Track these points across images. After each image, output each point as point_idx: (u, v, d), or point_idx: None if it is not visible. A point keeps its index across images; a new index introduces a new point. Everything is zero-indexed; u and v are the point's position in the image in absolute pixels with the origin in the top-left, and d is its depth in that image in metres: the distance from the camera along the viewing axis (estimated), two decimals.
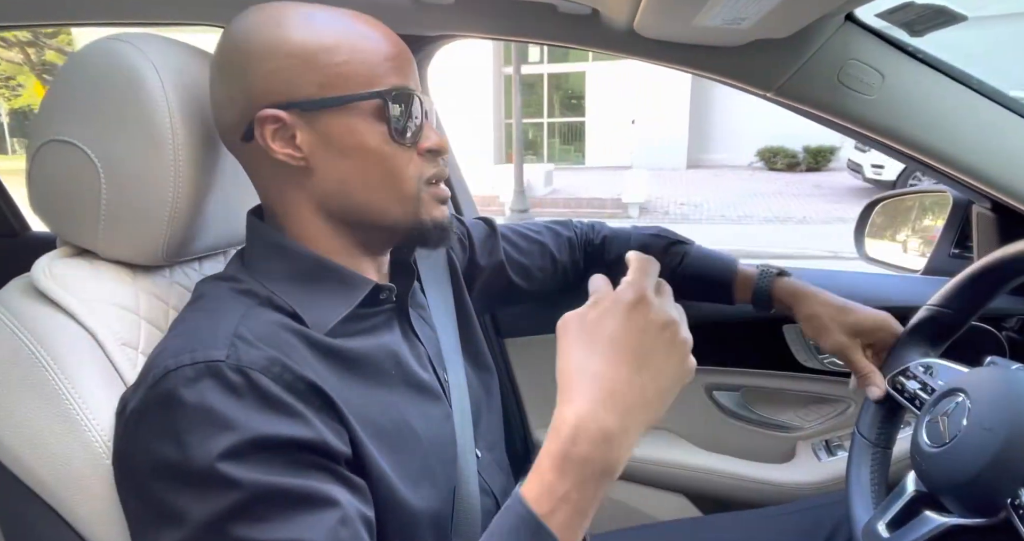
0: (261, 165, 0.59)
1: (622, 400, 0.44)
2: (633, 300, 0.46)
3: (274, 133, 0.56)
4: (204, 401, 0.47)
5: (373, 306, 0.62)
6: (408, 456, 0.58)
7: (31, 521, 0.55)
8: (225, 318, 0.53)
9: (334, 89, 0.56)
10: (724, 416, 1.13)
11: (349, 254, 0.61)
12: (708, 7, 0.66)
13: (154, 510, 0.48)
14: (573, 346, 0.47)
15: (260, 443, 0.47)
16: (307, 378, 0.51)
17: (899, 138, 0.81)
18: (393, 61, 0.58)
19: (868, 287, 1.10)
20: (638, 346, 0.45)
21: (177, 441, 0.46)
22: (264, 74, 0.56)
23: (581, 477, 0.44)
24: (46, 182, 0.61)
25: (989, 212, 0.95)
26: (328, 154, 0.57)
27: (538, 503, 0.44)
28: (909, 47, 0.79)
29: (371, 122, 0.57)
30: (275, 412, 0.48)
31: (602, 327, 0.46)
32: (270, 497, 0.46)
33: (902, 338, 0.79)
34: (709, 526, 0.95)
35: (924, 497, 0.62)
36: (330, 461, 0.50)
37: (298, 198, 0.59)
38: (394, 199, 0.59)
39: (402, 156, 0.58)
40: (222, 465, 0.45)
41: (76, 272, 0.60)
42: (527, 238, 0.94)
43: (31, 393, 0.54)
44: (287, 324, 0.55)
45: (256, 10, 0.58)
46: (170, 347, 0.51)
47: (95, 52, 0.60)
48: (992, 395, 0.60)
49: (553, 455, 0.44)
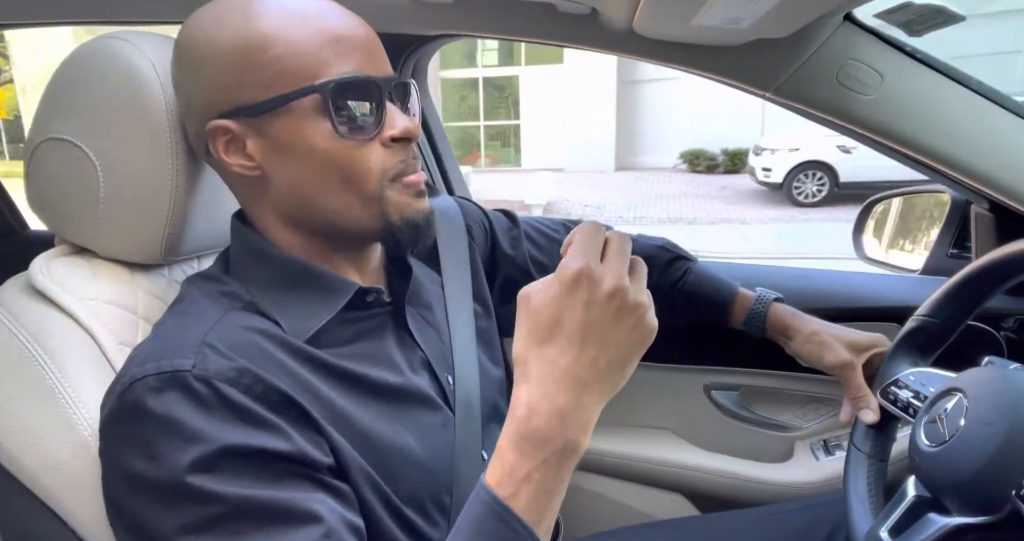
0: (227, 177, 0.58)
1: (574, 377, 0.43)
2: (573, 274, 0.43)
3: (227, 145, 0.53)
4: (170, 412, 0.46)
5: (361, 309, 0.60)
6: (401, 462, 0.56)
7: (28, 520, 0.55)
8: (197, 324, 0.51)
9: (275, 88, 0.51)
10: (723, 416, 1.13)
11: (328, 259, 0.59)
12: (707, 7, 0.66)
13: (128, 521, 0.47)
14: (523, 324, 0.46)
15: (230, 453, 0.45)
16: (279, 389, 0.49)
17: (898, 138, 0.81)
18: (337, 45, 0.52)
19: (866, 287, 1.10)
20: (583, 320, 0.43)
21: (146, 453, 0.45)
22: (207, 81, 0.52)
23: (541, 456, 0.43)
24: (44, 180, 0.61)
25: (987, 212, 0.95)
26: (280, 160, 0.53)
27: (500, 486, 0.43)
28: (908, 47, 0.79)
29: (315, 120, 0.52)
30: (244, 423, 0.47)
31: (548, 305, 0.44)
32: (245, 510, 0.45)
33: (891, 351, 0.79)
34: (707, 525, 0.95)
35: (926, 501, 0.61)
36: (310, 469, 0.49)
37: (264, 208, 0.57)
38: (355, 200, 0.54)
39: (357, 153, 0.53)
40: (192, 478, 0.44)
41: (74, 271, 0.60)
42: (548, 237, 0.92)
43: (28, 392, 0.54)
44: (267, 330, 0.53)
45: (198, 10, 0.54)
46: (139, 354, 0.50)
47: (93, 50, 0.60)
48: (990, 393, 0.59)
49: (510, 436, 0.44)
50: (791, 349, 0.87)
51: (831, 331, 0.83)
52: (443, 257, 0.72)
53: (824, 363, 0.81)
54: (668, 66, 0.88)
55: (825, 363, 0.81)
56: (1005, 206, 0.82)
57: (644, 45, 0.84)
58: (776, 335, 0.88)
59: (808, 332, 0.83)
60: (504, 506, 0.43)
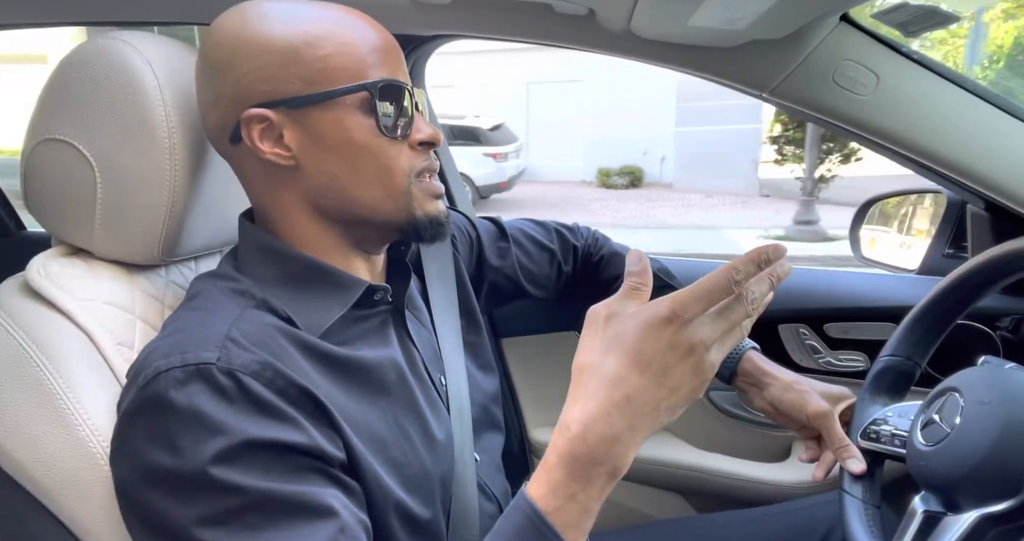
0: (250, 166, 0.59)
1: (637, 407, 0.43)
2: (667, 316, 0.43)
3: (261, 133, 0.55)
4: (193, 404, 0.46)
5: (368, 308, 0.61)
6: (404, 461, 0.57)
7: (26, 521, 0.55)
8: (218, 319, 0.52)
9: (320, 84, 0.54)
10: (720, 416, 1.14)
11: (342, 254, 0.61)
12: (704, 7, 0.66)
13: (143, 513, 0.48)
14: (597, 342, 0.45)
15: (251, 446, 0.46)
16: (299, 383, 0.50)
17: (893, 138, 0.81)
18: (379, 53, 0.57)
19: (864, 287, 1.10)
20: (662, 361, 0.43)
21: (168, 445, 0.46)
22: (248, 72, 0.55)
23: (588, 477, 0.43)
24: (41, 181, 0.61)
25: (983, 212, 0.95)
26: (317, 151, 0.56)
27: (544, 501, 0.44)
28: (904, 48, 0.80)
29: (359, 116, 0.56)
30: (266, 416, 0.48)
31: (629, 333, 0.43)
32: (263, 503, 0.45)
33: (862, 395, 0.76)
34: (705, 525, 0.95)
35: (936, 516, 0.59)
36: (325, 464, 0.50)
37: (289, 197, 0.58)
38: (385, 194, 0.58)
39: (392, 150, 0.57)
40: (214, 469, 0.45)
41: (71, 271, 0.60)
42: (538, 244, 0.91)
43: (26, 393, 0.54)
44: (281, 328, 0.54)
45: (237, 8, 0.57)
46: (161, 347, 0.50)
47: (90, 51, 0.60)
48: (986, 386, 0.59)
49: (561, 453, 0.44)
50: (765, 396, 0.80)
51: (807, 382, 0.80)
52: (426, 265, 0.73)
53: (807, 411, 0.77)
54: (665, 67, 0.88)
55: (808, 412, 0.77)
56: (1001, 206, 0.82)
57: (641, 46, 0.85)
58: (746, 383, 0.83)
59: (788, 381, 0.79)
60: (546, 522, 0.43)
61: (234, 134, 0.56)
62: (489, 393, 0.75)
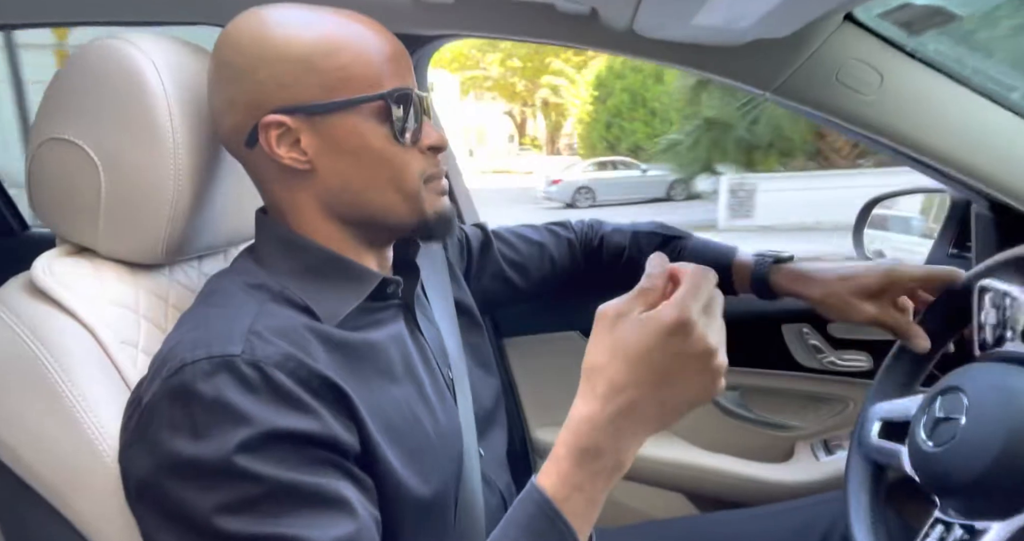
0: (265, 169, 0.59)
1: (641, 411, 0.46)
2: (673, 324, 0.44)
3: (279, 138, 0.56)
4: (220, 395, 0.47)
5: (381, 300, 0.63)
6: (417, 451, 0.58)
7: (30, 520, 0.55)
8: (241, 314, 0.53)
9: (338, 92, 0.56)
10: (723, 415, 1.14)
11: (355, 251, 0.62)
12: (707, 6, 0.66)
13: (161, 503, 0.48)
14: (604, 346, 0.46)
15: (275, 436, 0.47)
16: (321, 373, 0.52)
17: (897, 137, 0.81)
18: (393, 62, 0.59)
19: None
20: (668, 366, 0.45)
21: (193, 433, 0.47)
22: (266, 79, 0.56)
23: (595, 469, 0.46)
24: (46, 181, 0.61)
25: (987, 212, 0.95)
26: (333, 156, 0.57)
27: (554, 490, 0.46)
28: (908, 47, 0.79)
29: (374, 123, 0.57)
30: (289, 407, 0.49)
31: (636, 339, 0.45)
32: (283, 493, 0.47)
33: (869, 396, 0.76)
34: (707, 524, 0.95)
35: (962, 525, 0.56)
36: (341, 457, 0.51)
37: (304, 199, 0.60)
38: (399, 198, 0.60)
39: (404, 155, 0.59)
40: (238, 458, 0.46)
41: (76, 270, 0.60)
42: (525, 239, 0.93)
43: (31, 391, 0.54)
44: (301, 320, 0.56)
45: (254, 12, 0.58)
46: (187, 340, 0.51)
47: (95, 51, 0.60)
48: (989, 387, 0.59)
49: (570, 446, 0.46)
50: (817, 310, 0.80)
51: (843, 289, 0.77)
52: (422, 267, 0.74)
53: (857, 321, 0.76)
54: (668, 66, 0.88)
55: (859, 320, 0.76)
56: (1005, 205, 0.82)
57: (644, 45, 0.85)
58: (792, 297, 0.83)
59: (820, 297, 0.78)
60: (556, 510, 0.45)
61: (250, 138, 0.57)
62: (490, 393, 0.76)
